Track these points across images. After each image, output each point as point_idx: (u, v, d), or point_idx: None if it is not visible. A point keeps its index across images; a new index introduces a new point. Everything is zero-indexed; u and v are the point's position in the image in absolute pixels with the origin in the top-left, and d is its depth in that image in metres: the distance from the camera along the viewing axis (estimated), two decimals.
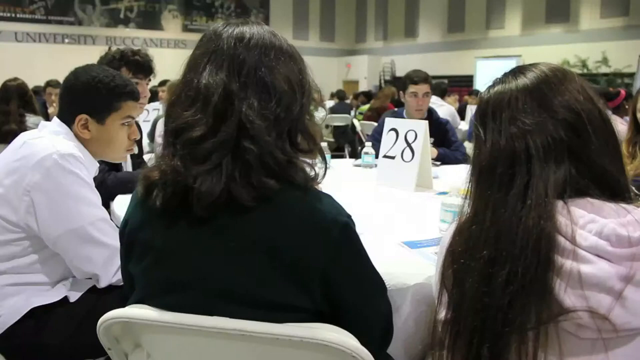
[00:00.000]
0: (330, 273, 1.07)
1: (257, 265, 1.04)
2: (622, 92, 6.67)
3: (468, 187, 1.09)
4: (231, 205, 1.03)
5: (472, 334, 0.96)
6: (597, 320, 0.89)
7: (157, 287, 1.10)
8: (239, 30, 1.13)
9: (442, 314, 1.04)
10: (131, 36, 19.52)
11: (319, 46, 24.20)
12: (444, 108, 7.04)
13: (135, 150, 2.26)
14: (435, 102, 6.72)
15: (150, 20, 20.30)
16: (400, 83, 4.05)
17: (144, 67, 2.76)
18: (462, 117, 8.45)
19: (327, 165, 1.19)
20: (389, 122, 2.85)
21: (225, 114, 1.05)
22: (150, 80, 2.84)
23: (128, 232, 1.17)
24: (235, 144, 1.04)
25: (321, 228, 1.06)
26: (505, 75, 1.11)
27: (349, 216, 1.11)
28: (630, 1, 17.24)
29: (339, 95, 11.96)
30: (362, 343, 1.10)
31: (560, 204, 0.96)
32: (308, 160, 1.14)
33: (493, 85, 1.11)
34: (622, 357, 0.91)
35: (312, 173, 1.12)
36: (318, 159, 1.17)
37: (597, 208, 0.96)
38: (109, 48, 2.80)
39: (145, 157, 3.05)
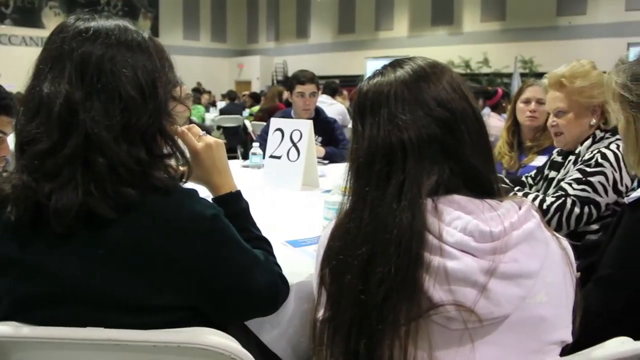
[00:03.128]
0: (206, 266, 1.07)
1: (128, 272, 1.02)
2: (500, 91, 7.11)
3: (346, 183, 1.09)
4: (92, 217, 1.00)
5: (349, 330, 0.98)
6: (464, 313, 0.93)
7: (25, 303, 1.05)
8: (85, 27, 1.07)
9: (320, 313, 1.04)
10: (8, 34, 18.43)
11: (210, 46, 23.93)
12: (335, 107, 7.15)
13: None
14: (326, 101, 6.82)
15: (29, 17, 19.23)
16: (288, 83, 4.08)
17: None
18: None
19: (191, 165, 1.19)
20: (274, 122, 2.86)
21: (70, 126, 1.01)
22: None
23: None
24: (85, 157, 1.00)
25: (190, 225, 1.05)
26: (385, 67, 1.12)
27: (218, 208, 1.11)
28: (506, 7, 18.34)
29: (230, 96, 11.88)
30: (250, 315, 1.22)
31: (430, 202, 0.99)
32: (171, 163, 1.12)
33: (372, 77, 1.11)
34: (487, 344, 0.96)
35: (175, 174, 1.11)
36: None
37: (463, 205, 1.00)
38: None
39: None
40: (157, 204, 1.04)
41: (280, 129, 2.78)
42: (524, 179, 2.58)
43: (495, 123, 5.47)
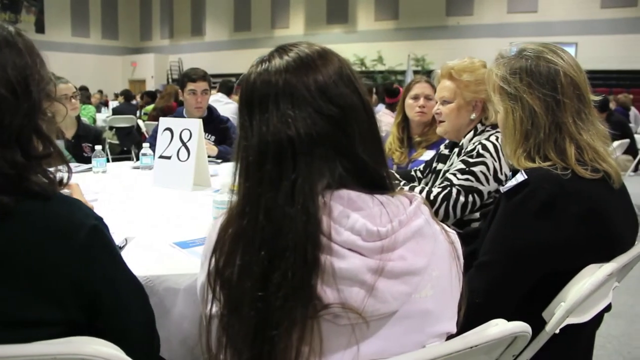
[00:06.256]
0: (83, 280, 1.02)
1: (1, 284, 0.96)
2: (401, 90, 7.30)
3: (235, 180, 1.04)
4: None
5: (253, 335, 0.95)
6: (349, 311, 0.93)
7: None
8: None
9: (214, 308, 1.00)
10: None
11: (101, 44, 23.10)
12: (231, 105, 7.09)
13: None
14: (221, 100, 6.76)
15: None
16: (179, 81, 3.99)
17: None
18: None
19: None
20: (164, 121, 2.79)
21: None
22: None
23: None
24: None
25: (67, 234, 1.00)
26: (272, 55, 1.06)
27: (99, 218, 1.07)
28: (399, 7, 18.96)
29: (126, 95, 11.49)
30: (126, 351, 1.07)
31: (320, 199, 0.96)
32: (50, 168, 1.06)
33: (258, 65, 1.05)
34: (373, 337, 0.97)
35: (54, 178, 1.06)
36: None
37: (353, 201, 0.98)
38: None
39: None
40: (34, 212, 0.99)
41: (169, 129, 2.72)
42: (413, 173, 2.66)
43: (387, 119, 5.62)
